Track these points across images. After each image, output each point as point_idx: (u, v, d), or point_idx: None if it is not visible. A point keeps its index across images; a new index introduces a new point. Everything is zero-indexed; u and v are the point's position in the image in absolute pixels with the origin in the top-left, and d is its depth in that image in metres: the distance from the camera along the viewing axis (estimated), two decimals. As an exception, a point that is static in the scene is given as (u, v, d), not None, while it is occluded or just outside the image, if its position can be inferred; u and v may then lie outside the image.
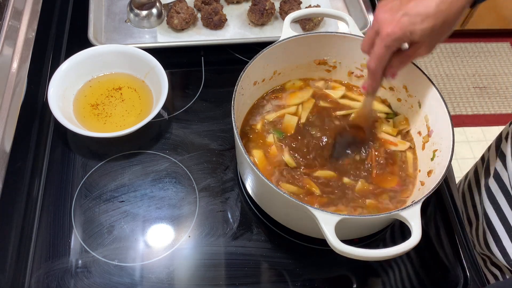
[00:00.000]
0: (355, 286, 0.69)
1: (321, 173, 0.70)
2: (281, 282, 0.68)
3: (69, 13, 0.97)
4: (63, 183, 0.74)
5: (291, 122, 0.75)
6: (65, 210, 0.71)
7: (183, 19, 0.91)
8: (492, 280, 0.85)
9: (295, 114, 0.76)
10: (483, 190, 0.86)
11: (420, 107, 0.73)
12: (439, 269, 0.71)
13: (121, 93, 0.83)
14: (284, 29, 0.73)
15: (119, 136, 0.74)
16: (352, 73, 0.80)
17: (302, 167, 0.70)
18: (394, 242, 0.61)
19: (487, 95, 2.23)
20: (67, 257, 0.67)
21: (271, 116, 0.76)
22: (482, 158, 0.91)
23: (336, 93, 0.80)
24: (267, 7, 0.92)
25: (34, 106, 0.81)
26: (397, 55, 0.62)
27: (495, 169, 0.83)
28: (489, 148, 0.89)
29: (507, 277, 0.83)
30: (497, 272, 0.85)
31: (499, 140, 0.86)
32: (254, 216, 0.73)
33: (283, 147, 0.72)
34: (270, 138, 0.73)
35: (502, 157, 0.82)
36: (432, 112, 0.70)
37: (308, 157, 0.72)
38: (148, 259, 0.68)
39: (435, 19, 0.56)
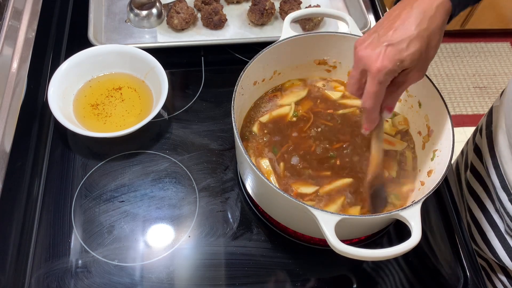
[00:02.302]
0: (355, 286, 0.69)
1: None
2: (281, 282, 0.68)
3: (69, 13, 0.97)
4: (63, 183, 0.74)
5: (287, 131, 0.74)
6: (65, 210, 0.71)
7: (183, 19, 0.91)
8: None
9: (287, 114, 0.76)
10: (463, 184, 0.87)
11: (420, 107, 0.73)
12: (439, 269, 0.71)
13: (121, 93, 0.83)
14: (284, 29, 0.73)
15: (119, 136, 0.74)
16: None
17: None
18: (394, 242, 0.61)
19: (487, 95, 2.23)
20: (67, 257, 0.67)
21: (264, 118, 0.76)
22: (462, 152, 0.92)
23: (335, 94, 0.80)
24: (267, 7, 0.92)
25: (34, 106, 0.81)
26: (389, 87, 0.59)
27: (471, 163, 0.83)
28: (467, 142, 0.90)
29: (495, 270, 0.83)
30: (485, 265, 0.85)
31: (475, 134, 0.87)
32: (254, 216, 0.73)
33: (276, 169, 0.71)
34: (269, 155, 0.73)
35: (477, 150, 0.83)
36: (432, 112, 0.70)
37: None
38: (148, 259, 0.68)
39: (420, 40, 0.54)
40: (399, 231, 0.74)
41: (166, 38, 0.92)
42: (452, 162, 0.97)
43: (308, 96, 0.80)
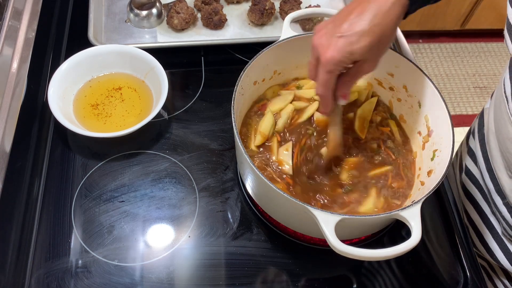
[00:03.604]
0: (355, 286, 0.69)
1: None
2: (281, 282, 0.68)
3: (69, 13, 0.97)
4: (63, 183, 0.74)
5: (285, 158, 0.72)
6: (65, 210, 0.71)
7: (183, 19, 0.91)
8: (483, 273, 0.85)
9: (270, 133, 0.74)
10: (459, 186, 0.86)
11: (420, 107, 0.73)
12: (439, 269, 0.71)
13: (121, 93, 0.83)
14: (284, 29, 0.73)
15: (119, 136, 0.74)
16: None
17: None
18: (394, 242, 0.61)
19: (487, 95, 2.23)
20: (67, 257, 0.67)
21: (256, 143, 0.73)
22: (456, 154, 0.92)
23: (308, 93, 0.78)
24: (267, 7, 0.92)
25: (34, 106, 0.81)
26: (343, 76, 0.61)
27: (466, 165, 0.83)
28: (461, 144, 0.90)
29: (496, 271, 0.83)
30: (486, 265, 0.85)
31: (468, 136, 0.87)
32: (254, 216, 0.73)
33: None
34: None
35: (470, 152, 0.83)
36: (432, 112, 0.70)
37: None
38: (148, 259, 0.68)
39: (371, 34, 0.55)
40: (399, 231, 0.74)
41: (166, 38, 0.92)
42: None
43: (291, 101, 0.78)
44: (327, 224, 0.55)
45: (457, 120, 2.11)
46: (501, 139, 0.70)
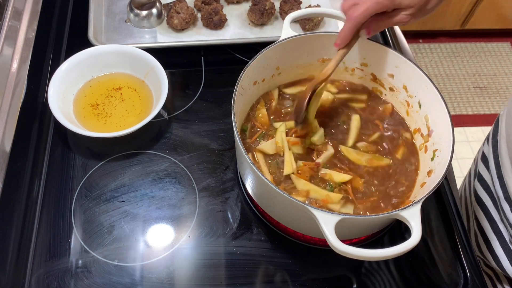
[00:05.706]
0: (355, 286, 0.69)
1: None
2: (281, 282, 0.68)
3: (69, 13, 0.97)
4: (63, 183, 0.74)
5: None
6: (65, 210, 0.71)
7: (183, 19, 0.91)
8: (488, 281, 0.85)
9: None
10: (472, 192, 0.86)
11: (420, 107, 0.73)
12: (439, 269, 0.71)
13: (121, 93, 0.83)
14: (284, 29, 0.73)
15: (119, 136, 0.74)
16: (354, 70, 0.80)
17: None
18: (394, 242, 0.61)
19: (487, 95, 2.23)
20: (67, 257, 0.67)
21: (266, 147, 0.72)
22: (474, 160, 0.92)
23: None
24: (267, 7, 0.92)
25: (34, 106, 0.81)
26: (378, 16, 0.59)
27: (479, 171, 0.83)
28: (479, 150, 0.90)
29: (501, 280, 0.83)
30: (491, 273, 0.85)
31: (484, 142, 0.87)
32: (254, 216, 0.73)
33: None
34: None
35: (484, 158, 0.83)
36: (432, 112, 0.70)
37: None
38: (148, 259, 0.68)
39: None
40: (399, 231, 0.74)
41: (166, 38, 0.92)
42: (466, 170, 0.97)
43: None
44: (327, 224, 0.55)
45: (457, 120, 2.11)
46: (510, 145, 0.70)
